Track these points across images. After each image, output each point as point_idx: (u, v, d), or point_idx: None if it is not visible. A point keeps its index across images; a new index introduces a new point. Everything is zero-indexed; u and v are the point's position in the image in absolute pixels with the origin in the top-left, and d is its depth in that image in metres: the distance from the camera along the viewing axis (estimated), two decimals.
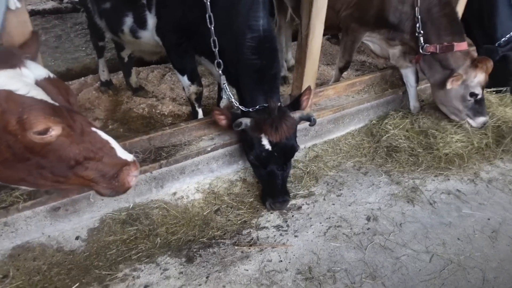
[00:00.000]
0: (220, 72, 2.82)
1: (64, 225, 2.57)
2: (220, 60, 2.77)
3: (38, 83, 1.77)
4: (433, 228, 2.75)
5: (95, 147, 1.89)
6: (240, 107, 2.82)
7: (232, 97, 2.88)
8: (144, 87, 4.40)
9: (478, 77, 3.37)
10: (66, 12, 6.81)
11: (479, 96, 3.44)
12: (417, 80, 3.91)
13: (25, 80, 1.73)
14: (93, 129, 1.91)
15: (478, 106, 3.50)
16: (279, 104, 2.73)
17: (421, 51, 3.46)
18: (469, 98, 3.44)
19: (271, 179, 2.80)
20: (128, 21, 3.19)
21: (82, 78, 4.57)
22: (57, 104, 1.78)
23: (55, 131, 1.75)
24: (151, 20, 3.08)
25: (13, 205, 2.32)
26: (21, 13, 2.03)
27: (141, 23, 3.12)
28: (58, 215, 2.52)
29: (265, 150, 2.69)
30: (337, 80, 4.41)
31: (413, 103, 3.94)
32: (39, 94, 1.73)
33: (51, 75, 1.89)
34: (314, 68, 3.28)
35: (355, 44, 4.06)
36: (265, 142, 2.67)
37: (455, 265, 2.46)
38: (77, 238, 2.54)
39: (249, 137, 2.75)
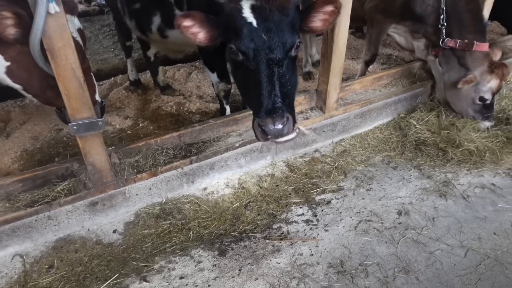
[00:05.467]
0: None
1: (102, 219, 2.68)
2: None
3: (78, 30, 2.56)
4: (467, 223, 2.69)
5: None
6: None
7: None
8: (171, 85, 4.49)
9: (492, 83, 3.31)
10: (94, 15, 7.03)
11: (487, 102, 3.39)
12: None
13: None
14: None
15: (485, 110, 3.43)
16: None
17: (441, 44, 3.41)
18: (477, 101, 3.40)
19: (258, 79, 2.02)
20: (156, 20, 3.26)
21: (112, 78, 4.72)
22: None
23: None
24: None
25: (55, 200, 2.45)
26: (59, 17, 2.10)
27: (169, 22, 3.18)
28: (96, 210, 2.62)
29: (246, 24, 2.04)
30: (363, 74, 4.37)
31: (441, 95, 3.85)
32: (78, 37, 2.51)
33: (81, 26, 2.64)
34: (341, 62, 3.26)
35: (380, 36, 4.01)
36: (246, 11, 2.06)
37: (492, 260, 2.40)
38: (114, 231, 2.64)
39: (228, 15, 2.12)
